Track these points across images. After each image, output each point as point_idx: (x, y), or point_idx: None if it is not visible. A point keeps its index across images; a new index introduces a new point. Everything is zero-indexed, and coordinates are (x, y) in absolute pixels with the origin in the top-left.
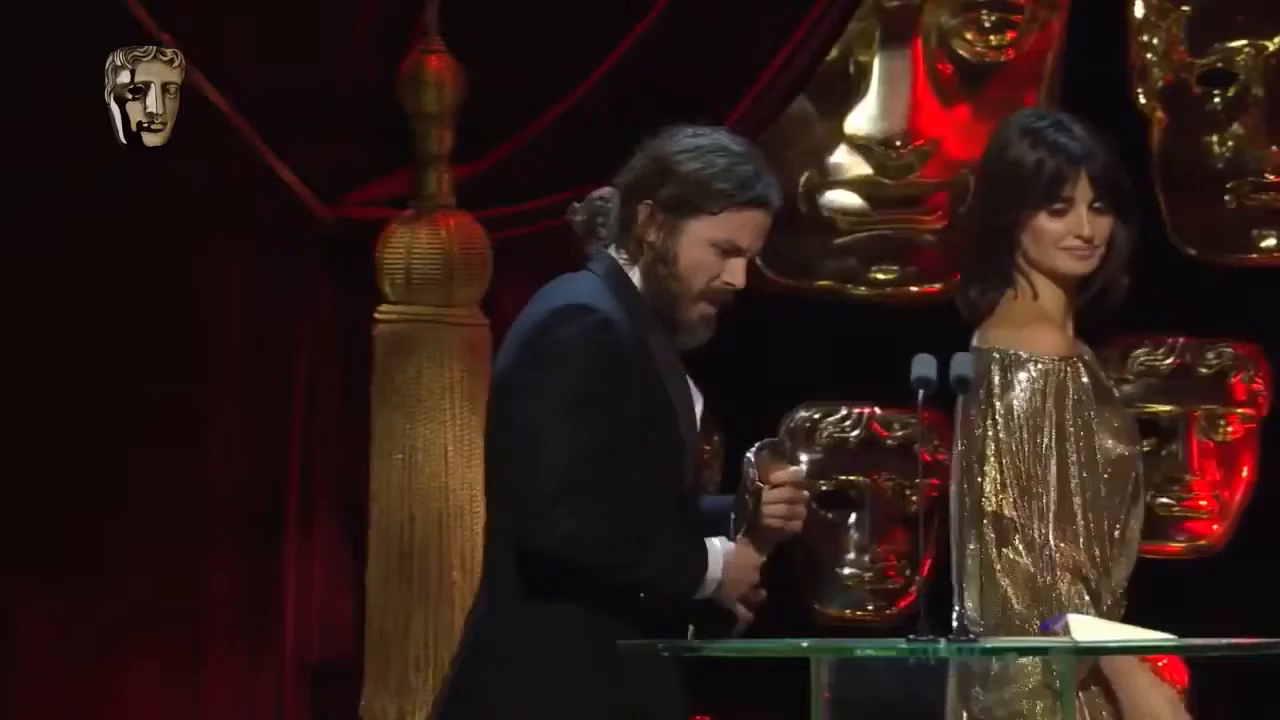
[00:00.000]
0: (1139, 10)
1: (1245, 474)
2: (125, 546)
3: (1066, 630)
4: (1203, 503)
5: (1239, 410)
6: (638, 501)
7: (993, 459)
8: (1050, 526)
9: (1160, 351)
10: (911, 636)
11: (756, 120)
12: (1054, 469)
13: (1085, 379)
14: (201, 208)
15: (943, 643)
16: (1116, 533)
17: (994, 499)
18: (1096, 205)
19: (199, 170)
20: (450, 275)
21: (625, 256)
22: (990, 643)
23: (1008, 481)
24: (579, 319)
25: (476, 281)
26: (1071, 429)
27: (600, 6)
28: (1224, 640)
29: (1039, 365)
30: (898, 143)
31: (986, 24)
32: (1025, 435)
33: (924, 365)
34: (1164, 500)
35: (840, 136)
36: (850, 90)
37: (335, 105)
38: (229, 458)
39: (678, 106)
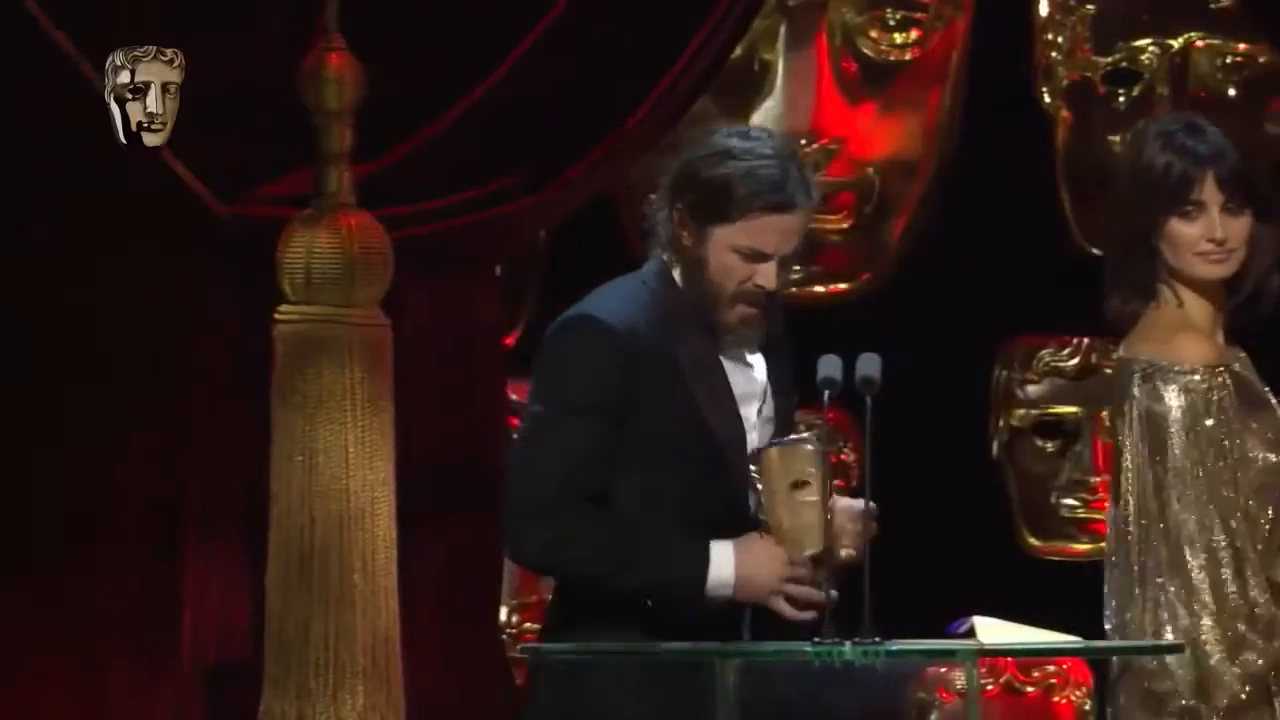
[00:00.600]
0: (1044, 9)
1: None
2: (22, 547)
3: (972, 633)
4: (1108, 504)
5: None
6: (627, 510)
7: (1133, 473)
8: (1190, 541)
9: (1065, 352)
10: (817, 639)
11: (659, 120)
12: (1193, 485)
13: (1231, 388)
14: (100, 207)
15: (848, 645)
16: (1260, 545)
17: (1134, 514)
18: (1229, 207)
19: (97, 169)
20: (351, 275)
21: (670, 259)
22: (895, 645)
23: (1147, 496)
24: (576, 330)
25: (377, 281)
26: (1212, 441)
27: (502, 5)
28: (1128, 643)
29: (1183, 377)
30: (802, 142)
31: (891, 22)
32: (1167, 448)
33: (830, 366)
34: (1069, 502)
35: None
36: (754, 89)
37: (235, 103)
38: (128, 459)
39: (580, 106)
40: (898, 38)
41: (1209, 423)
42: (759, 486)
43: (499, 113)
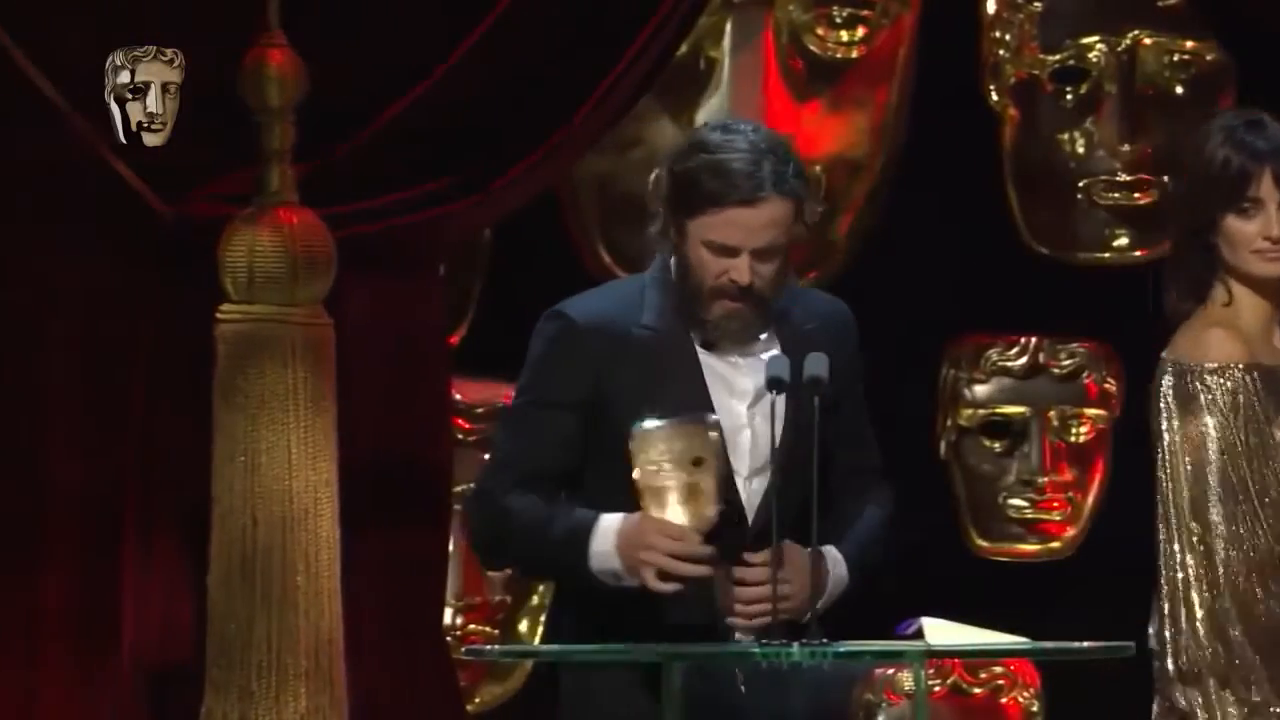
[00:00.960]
0: (991, 6)
1: (1098, 476)
2: None
3: (919, 634)
4: (1055, 505)
5: (1092, 411)
6: (605, 506)
7: (1168, 474)
8: (1217, 541)
9: (1013, 351)
10: (764, 641)
11: (604, 118)
12: (1218, 485)
13: (1259, 387)
14: (40, 206)
15: (795, 646)
16: None
17: (1166, 516)
18: None
19: (37, 167)
20: (293, 274)
21: (668, 256)
22: (844, 646)
23: (1180, 497)
24: (544, 324)
25: (320, 280)
26: (1240, 439)
27: (446, 1)
28: (1075, 644)
29: (1214, 376)
30: None
31: (838, 20)
32: (1198, 447)
33: (778, 365)
34: (1016, 503)
35: None
36: (700, 87)
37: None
38: (67, 458)
39: (523, 104)
40: (844, 35)
41: (1237, 420)
42: (652, 463)
43: (442, 110)
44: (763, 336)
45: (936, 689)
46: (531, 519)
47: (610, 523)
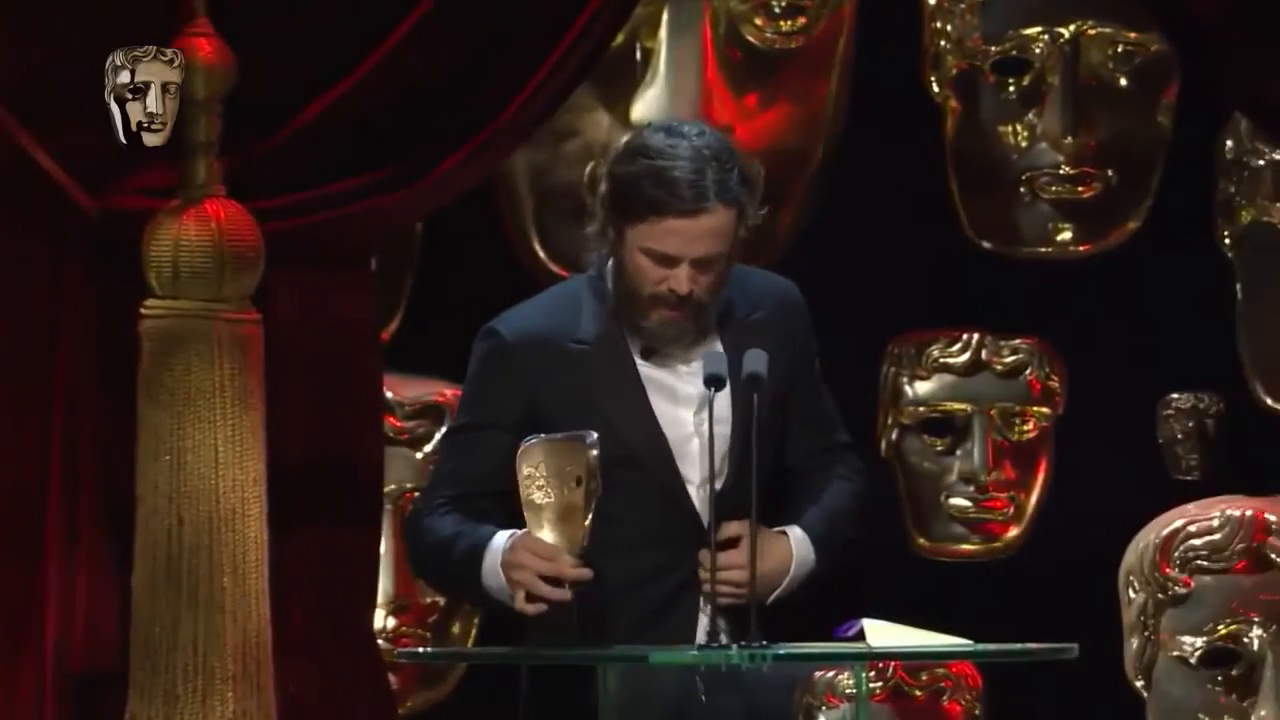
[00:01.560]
0: None
1: (1041, 474)
2: None
3: (860, 635)
4: (998, 504)
5: (1035, 408)
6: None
7: None
8: None
9: (955, 347)
10: (701, 644)
11: (538, 110)
12: None
13: None
14: None
15: (734, 649)
16: None
17: None
18: None
19: None
20: (220, 268)
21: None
22: (783, 649)
23: None
24: (478, 343)
25: (248, 275)
26: None
27: None
28: (1018, 645)
29: None
30: None
31: (776, 10)
32: None
33: (715, 362)
34: (958, 502)
35: (627, 125)
36: (637, 78)
37: (100, 91)
38: None
39: (455, 96)
40: (783, 25)
41: None
42: (530, 479)
43: (373, 102)
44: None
45: (877, 691)
46: (442, 539)
47: (500, 541)
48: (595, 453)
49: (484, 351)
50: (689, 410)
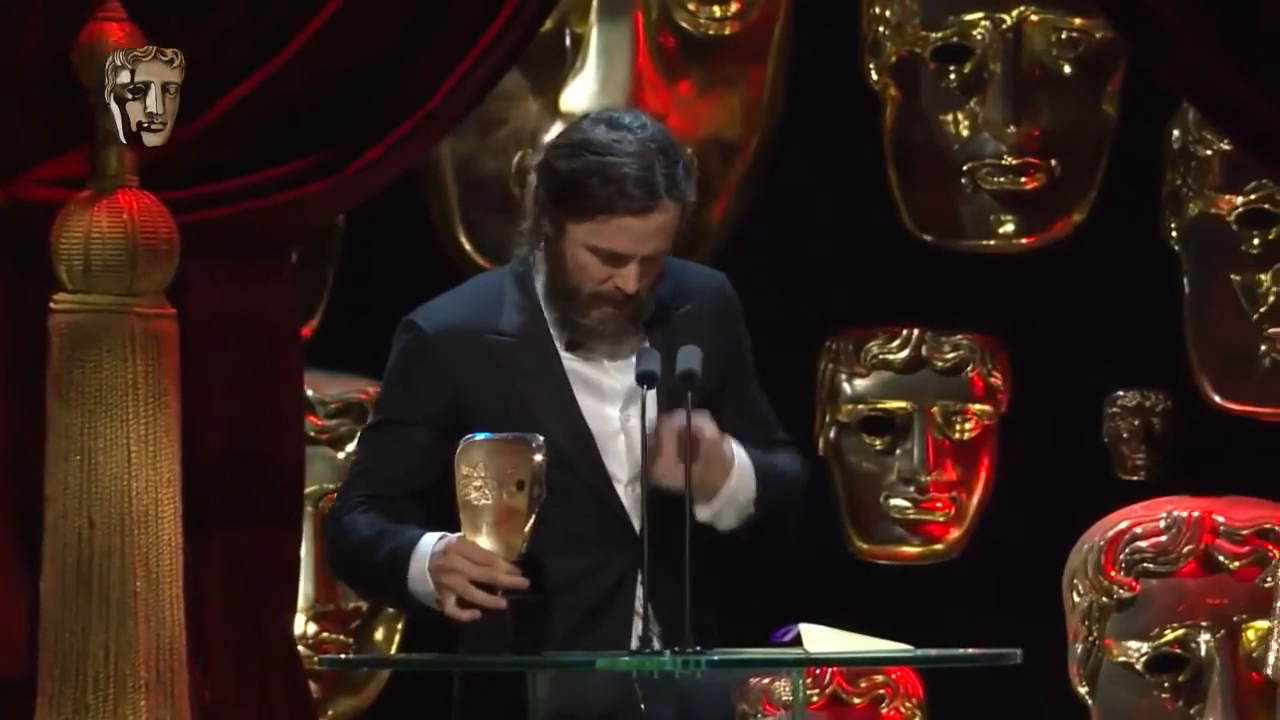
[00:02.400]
0: None
1: (983, 475)
2: None
3: (797, 641)
4: (939, 505)
5: (977, 406)
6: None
7: None
8: None
9: (895, 343)
10: (634, 649)
11: (465, 97)
12: None
13: None
14: None
15: (668, 655)
16: None
17: None
18: None
19: None
20: (133, 261)
21: (536, 250)
22: (718, 654)
23: None
24: (398, 335)
25: (162, 268)
26: None
27: None
28: (960, 651)
29: None
30: None
31: None
32: None
33: (648, 359)
34: (898, 502)
35: (556, 113)
36: (567, 63)
37: (7, 78)
38: None
39: (380, 83)
40: (717, 10)
41: None
42: (470, 479)
43: (293, 89)
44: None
45: (815, 699)
46: (362, 539)
47: (428, 544)
48: (540, 457)
49: (403, 345)
50: (615, 406)
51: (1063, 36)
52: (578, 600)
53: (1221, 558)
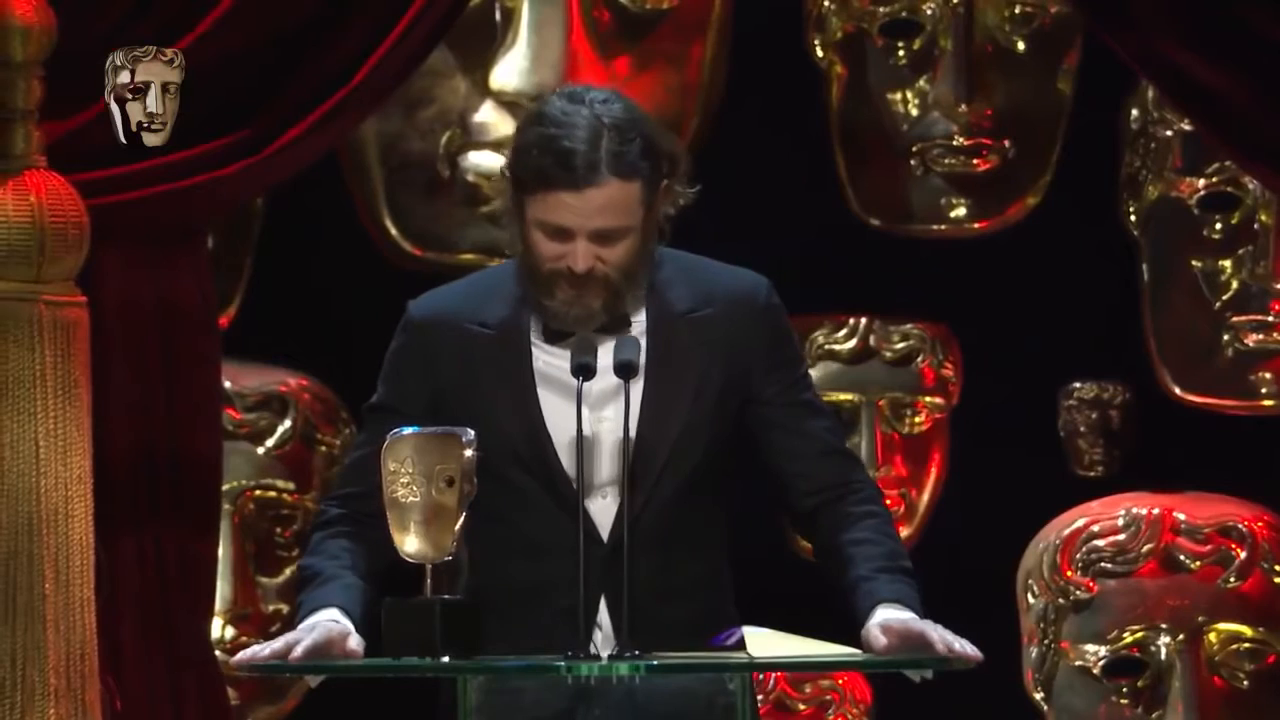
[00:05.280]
0: None
1: (935, 470)
2: None
3: (741, 644)
4: (888, 502)
5: (928, 399)
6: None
7: None
8: None
9: (841, 333)
10: (570, 653)
11: (389, 75)
12: None
13: None
14: None
15: (606, 659)
16: None
17: None
18: None
19: None
20: (41, 246)
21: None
22: (657, 659)
23: None
24: (400, 323)
25: (72, 254)
26: None
27: None
28: (908, 655)
29: None
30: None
31: None
32: None
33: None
34: None
35: (486, 92)
36: (497, 40)
37: None
38: None
39: (299, 60)
40: None
41: None
42: (396, 474)
43: (209, 66)
44: (634, 321)
45: (759, 705)
46: (306, 565)
47: (325, 616)
48: (470, 452)
49: (398, 333)
50: (586, 407)
51: (1016, 12)
52: (536, 611)
53: (1183, 557)
